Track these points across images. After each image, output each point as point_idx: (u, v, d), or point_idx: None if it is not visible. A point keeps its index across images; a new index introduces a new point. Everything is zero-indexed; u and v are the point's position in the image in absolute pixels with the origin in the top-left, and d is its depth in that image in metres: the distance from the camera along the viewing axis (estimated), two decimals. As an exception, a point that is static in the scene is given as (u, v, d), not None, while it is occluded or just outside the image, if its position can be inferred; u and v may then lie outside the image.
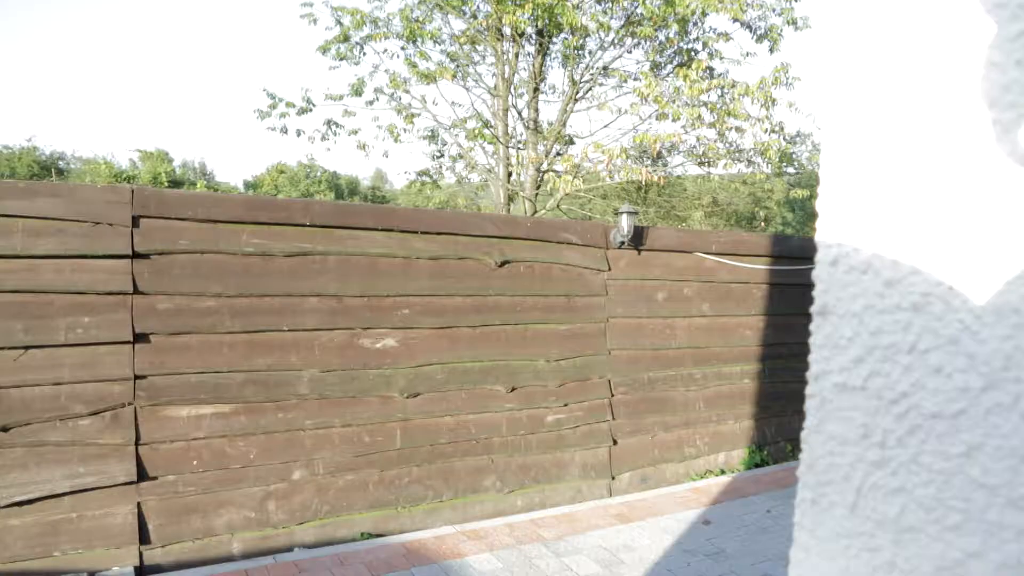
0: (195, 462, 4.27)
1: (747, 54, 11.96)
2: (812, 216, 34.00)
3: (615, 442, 6.03)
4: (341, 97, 11.92)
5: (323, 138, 12.33)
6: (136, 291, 4.12)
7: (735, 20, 10.78)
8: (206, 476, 4.31)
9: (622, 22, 11.11)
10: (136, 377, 4.12)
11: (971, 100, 0.49)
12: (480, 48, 12.53)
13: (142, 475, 4.13)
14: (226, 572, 3.98)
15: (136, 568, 4.05)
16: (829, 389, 0.58)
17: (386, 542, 4.51)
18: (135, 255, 4.12)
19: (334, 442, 4.72)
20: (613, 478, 6.01)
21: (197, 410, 4.28)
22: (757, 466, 6.78)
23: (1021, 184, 0.47)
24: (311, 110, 11.76)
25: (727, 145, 12.12)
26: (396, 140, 12.37)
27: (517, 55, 11.95)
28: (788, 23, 11.42)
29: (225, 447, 4.37)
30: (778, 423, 7.08)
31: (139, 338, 4.13)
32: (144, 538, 4.12)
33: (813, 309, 0.59)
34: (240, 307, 4.42)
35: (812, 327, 0.59)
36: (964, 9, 0.49)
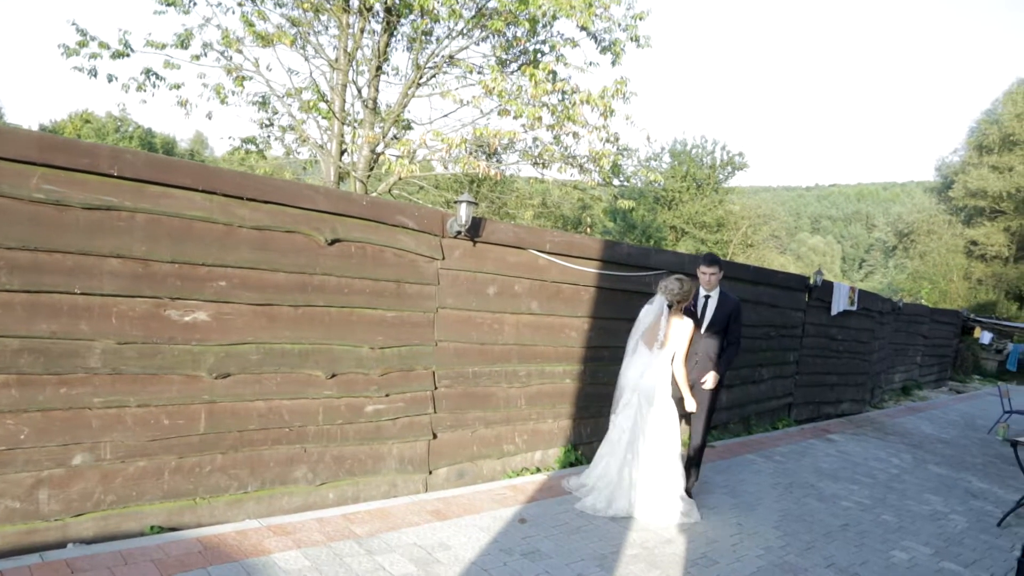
0: (-52, 440, 3.62)
1: (590, 63, 12.24)
2: (633, 227, 35.77)
3: (435, 436, 5.89)
4: (164, 46, 10.90)
5: (139, 88, 11.20)
6: None
7: (583, 28, 10.96)
8: (-39, 457, 3.67)
9: (473, 12, 10.98)
10: None
11: None
12: (324, 18, 11.94)
13: None
14: (-23, 571, 3.40)
15: None
16: None
17: (180, 537, 4.07)
18: None
19: (127, 423, 4.20)
20: (430, 472, 5.87)
21: (-44, 379, 3.63)
22: (571, 465, 6.90)
23: None
24: (128, 55, 10.64)
25: (562, 149, 12.36)
26: (223, 102, 11.53)
27: (363, 30, 11.50)
28: (632, 39, 11.79)
29: (-11, 424, 3.74)
30: (594, 424, 7.25)
31: None
32: None
33: None
34: (22, 262, 3.80)
35: None
36: None
